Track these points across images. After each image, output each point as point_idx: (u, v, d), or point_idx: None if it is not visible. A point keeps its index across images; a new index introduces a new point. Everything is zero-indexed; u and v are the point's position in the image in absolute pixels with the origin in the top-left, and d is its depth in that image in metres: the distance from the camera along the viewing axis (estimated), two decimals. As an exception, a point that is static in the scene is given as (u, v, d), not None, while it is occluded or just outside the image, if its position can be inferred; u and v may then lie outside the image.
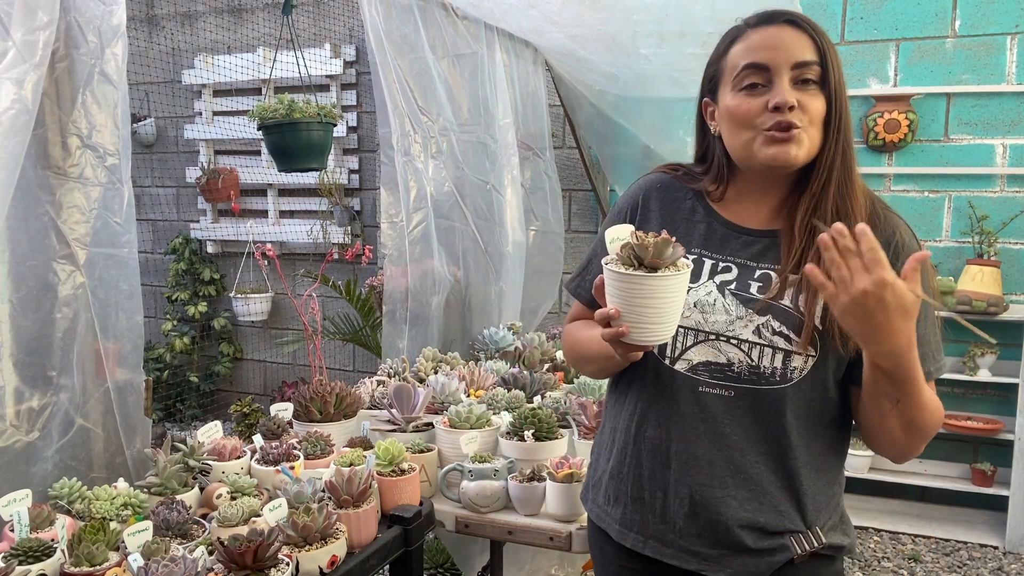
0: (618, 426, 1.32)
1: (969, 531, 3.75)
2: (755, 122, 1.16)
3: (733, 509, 1.19)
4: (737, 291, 1.20)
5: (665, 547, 1.24)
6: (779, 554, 1.18)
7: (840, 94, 1.17)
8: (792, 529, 1.19)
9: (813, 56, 1.15)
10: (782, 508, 1.19)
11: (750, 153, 1.18)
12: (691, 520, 1.21)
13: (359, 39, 4.82)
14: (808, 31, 1.16)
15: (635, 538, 1.27)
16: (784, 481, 1.19)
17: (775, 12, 1.19)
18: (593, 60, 3.19)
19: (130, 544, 1.31)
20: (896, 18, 3.94)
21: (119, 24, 1.65)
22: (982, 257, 3.75)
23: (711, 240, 1.26)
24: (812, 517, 1.20)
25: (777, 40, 1.16)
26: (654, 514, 1.25)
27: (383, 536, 1.55)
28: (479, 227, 3.04)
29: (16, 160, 1.44)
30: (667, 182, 1.33)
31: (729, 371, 1.19)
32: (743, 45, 1.19)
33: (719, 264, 1.23)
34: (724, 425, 1.19)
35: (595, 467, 1.40)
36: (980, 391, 3.92)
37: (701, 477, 1.20)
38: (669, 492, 1.23)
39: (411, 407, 2.09)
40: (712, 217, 1.27)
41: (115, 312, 1.70)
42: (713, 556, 1.21)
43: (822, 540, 1.19)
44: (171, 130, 5.37)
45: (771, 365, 1.17)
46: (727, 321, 1.19)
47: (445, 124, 2.84)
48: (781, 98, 1.12)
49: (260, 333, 5.35)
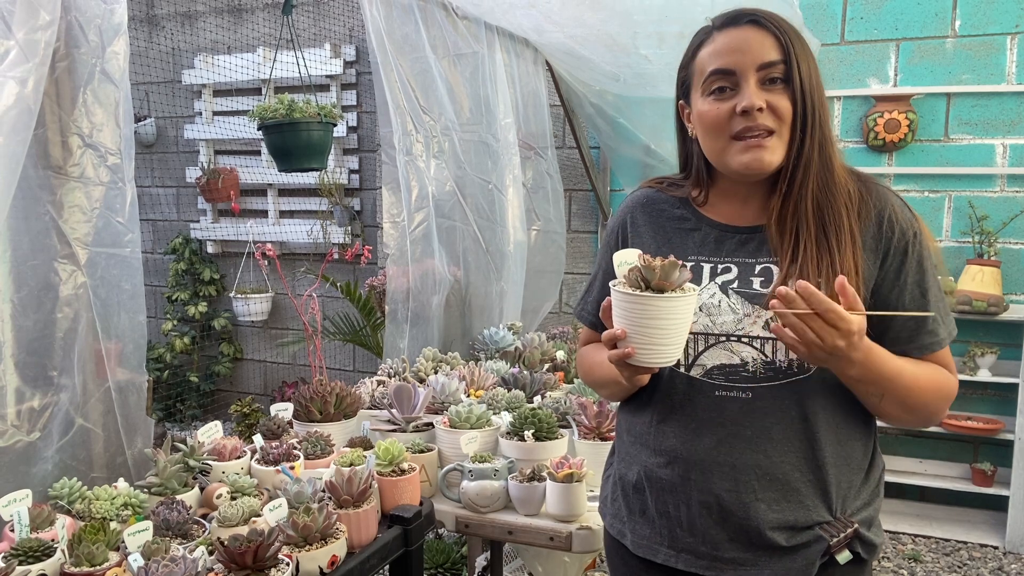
0: (636, 439, 1.30)
1: (969, 531, 3.75)
2: (726, 128, 1.17)
3: (762, 512, 1.17)
4: (740, 289, 1.20)
5: (698, 559, 1.22)
6: (814, 546, 1.17)
7: (811, 88, 1.16)
8: (820, 520, 1.18)
9: (778, 55, 1.15)
10: (809, 502, 1.18)
11: (724, 161, 1.19)
12: (721, 528, 1.20)
13: (359, 39, 4.82)
14: (772, 30, 1.16)
15: (666, 553, 1.25)
16: (811, 474, 1.18)
17: (739, 13, 1.19)
18: (593, 60, 3.19)
19: (130, 544, 1.31)
20: (896, 18, 3.94)
21: (120, 23, 1.65)
22: (982, 257, 3.75)
23: (706, 244, 1.26)
24: (839, 505, 1.19)
25: (741, 43, 1.16)
26: (681, 527, 1.23)
27: (383, 536, 1.55)
28: (480, 227, 3.04)
29: (17, 160, 1.44)
30: (652, 196, 1.35)
31: (744, 371, 1.18)
32: (709, 49, 1.20)
33: (718, 266, 1.23)
34: (745, 428, 1.18)
35: (612, 480, 1.38)
36: (980, 391, 3.92)
37: (726, 483, 1.18)
38: (693, 503, 1.21)
39: (411, 407, 2.09)
40: (703, 222, 1.28)
41: (117, 312, 1.70)
42: (749, 560, 1.19)
43: (852, 523, 1.18)
44: (171, 130, 5.37)
45: (787, 358, 1.16)
46: (735, 320, 1.19)
47: (446, 123, 2.84)
48: (748, 102, 1.13)
49: (260, 333, 5.35)
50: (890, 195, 1.21)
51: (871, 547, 1.20)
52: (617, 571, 1.38)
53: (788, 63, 1.15)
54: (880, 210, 1.18)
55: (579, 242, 4.57)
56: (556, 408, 2.11)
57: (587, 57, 3.19)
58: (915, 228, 1.19)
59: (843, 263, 1.13)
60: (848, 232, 1.15)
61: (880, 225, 1.18)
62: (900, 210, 1.19)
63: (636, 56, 3.06)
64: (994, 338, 3.86)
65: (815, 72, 1.18)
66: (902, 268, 1.17)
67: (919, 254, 1.18)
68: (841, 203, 1.17)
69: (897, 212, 1.18)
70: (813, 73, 1.17)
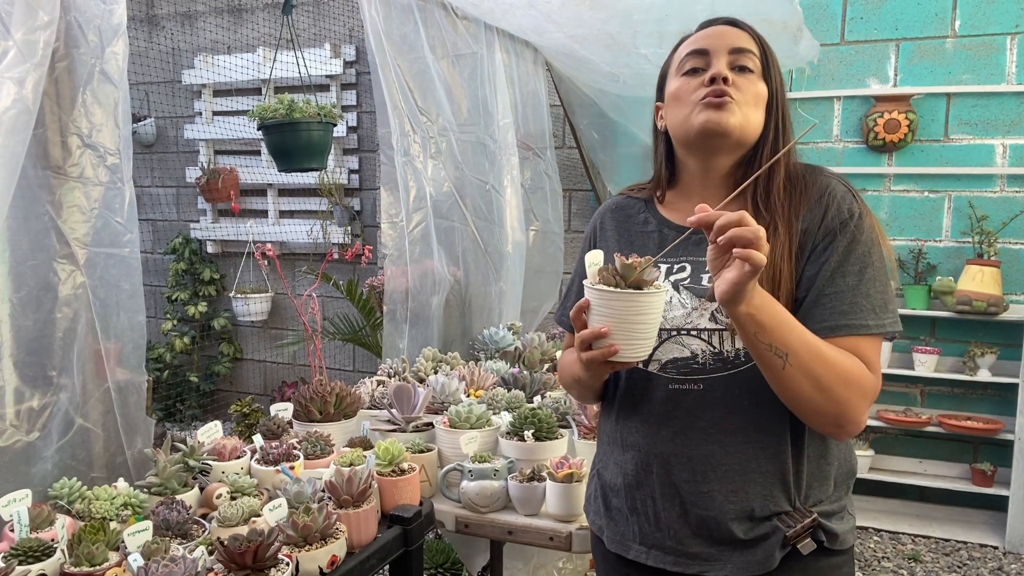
0: (608, 438, 1.36)
1: (969, 531, 3.75)
2: (692, 97, 1.22)
3: (719, 503, 1.19)
4: (690, 285, 1.24)
5: (666, 555, 1.25)
6: (772, 537, 1.18)
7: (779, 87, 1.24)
8: (778, 511, 1.18)
9: (751, 46, 1.23)
10: (765, 492, 1.18)
11: (688, 126, 1.22)
12: (683, 521, 1.22)
13: (359, 39, 4.82)
14: (748, 30, 1.25)
15: (638, 549, 1.28)
16: (767, 464, 1.18)
17: (718, 17, 1.28)
18: (593, 60, 3.19)
19: (130, 544, 1.31)
20: (896, 18, 3.94)
21: (119, 23, 1.65)
22: (982, 257, 3.75)
23: (664, 245, 1.28)
24: (796, 495, 1.19)
25: (717, 31, 1.25)
26: (649, 522, 1.26)
27: (383, 536, 1.55)
28: (479, 227, 3.04)
29: (16, 160, 1.44)
30: (621, 203, 1.41)
31: (695, 363, 1.21)
32: (687, 42, 1.28)
33: (674, 266, 1.27)
34: (698, 419, 1.20)
35: (593, 480, 1.43)
36: (980, 391, 3.92)
37: (684, 474, 1.21)
38: (657, 497, 1.24)
39: (411, 407, 2.09)
40: (663, 224, 1.32)
41: (116, 312, 1.69)
42: (712, 555, 1.21)
43: (811, 513, 1.17)
44: (171, 130, 5.37)
45: (733, 348, 1.19)
46: (684, 314, 1.23)
47: (444, 124, 2.84)
48: (716, 70, 1.20)
49: (260, 333, 5.35)
50: (833, 181, 1.23)
51: (834, 536, 1.20)
52: (599, 568, 1.42)
53: (764, 61, 1.23)
54: (820, 195, 1.20)
55: (579, 242, 4.56)
56: (556, 408, 2.11)
57: (587, 57, 3.19)
58: (856, 210, 1.18)
59: (779, 243, 1.17)
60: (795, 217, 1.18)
61: (820, 207, 1.20)
62: (842, 195, 1.20)
63: (636, 56, 3.06)
64: (994, 338, 3.86)
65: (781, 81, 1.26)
66: (830, 245, 1.16)
67: (852, 235, 1.16)
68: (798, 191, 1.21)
69: (837, 195, 1.20)
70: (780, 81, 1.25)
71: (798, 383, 1.09)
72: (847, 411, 1.11)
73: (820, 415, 1.12)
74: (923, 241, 3.98)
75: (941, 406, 4.01)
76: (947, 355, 3.90)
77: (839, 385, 1.09)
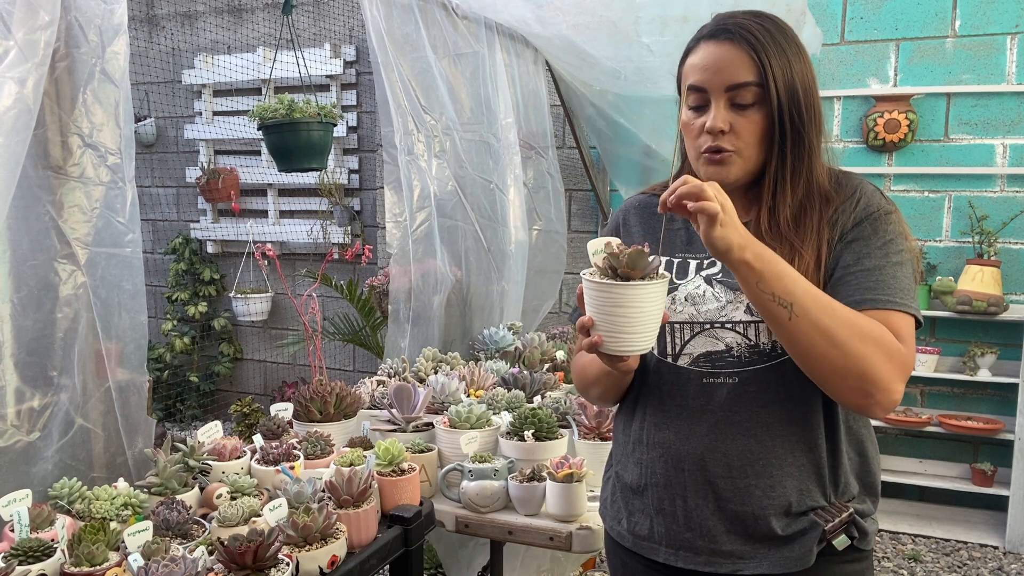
0: (629, 437, 1.32)
1: (969, 531, 3.75)
2: (696, 141, 1.23)
3: (758, 498, 1.18)
4: (723, 279, 1.24)
5: (696, 555, 1.22)
6: (810, 532, 1.17)
7: (789, 104, 1.17)
8: (815, 505, 1.18)
9: (750, 76, 1.16)
10: (802, 486, 1.18)
11: (696, 167, 1.26)
12: (718, 518, 1.20)
13: (359, 39, 4.82)
14: (748, 48, 1.17)
15: (666, 552, 1.25)
16: (803, 457, 1.18)
17: (719, 27, 1.21)
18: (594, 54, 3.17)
19: (130, 544, 1.31)
20: (896, 18, 3.94)
21: (120, 23, 1.65)
22: (982, 257, 3.75)
23: (693, 242, 1.29)
24: (832, 489, 1.19)
25: (715, 60, 1.19)
26: (678, 523, 1.23)
27: (383, 536, 1.55)
28: (482, 226, 3.04)
29: (17, 160, 1.44)
30: (644, 201, 1.40)
31: (729, 356, 1.20)
32: (692, 60, 1.24)
33: (704, 262, 1.27)
34: (734, 413, 1.19)
35: (611, 482, 1.39)
36: (980, 391, 3.92)
37: (720, 470, 1.19)
38: (688, 495, 1.22)
39: (411, 407, 2.09)
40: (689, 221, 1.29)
41: (117, 312, 1.69)
42: (747, 552, 1.19)
43: (847, 507, 1.17)
44: (171, 130, 5.37)
45: (769, 340, 1.18)
46: (718, 308, 1.22)
47: (448, 123, 2.84)
48: (711, 123, 1.19)
49: (260, 333, 5.35)
50: (864, 183, 1.24)
51: (864, 535, 1.20)
52: (617, 572, 1.39)
53: (763, 85, 1.16)
54: (852, 192, 1.21)
55: (579, 242, 4.57)
56: (556, 408, 2.11)
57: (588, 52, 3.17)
58: (886, 208, 1.19)
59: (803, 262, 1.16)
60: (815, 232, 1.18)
61: (852, 202, 1.20)
62: (871, 191, 1.22)
63: (638, 46, 3.03)
64: (994, 338, 3.86)
65: (806, 76, 1.19)
66: (859, 234, 1.17)
67: (881, 226, 1.17)
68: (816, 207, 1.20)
69: (867, 191, 1.22)
70: (800, 80, 1.18)
71: (808, 335, 1.06)
72: (869, 369, 1.05)
73: (840, 377, 1.07)
74: (923, 241, 3.98)
75: (941, 406, 4.01)
76: (947, 355, 3.90)
77: (854, 338, 1.05)
